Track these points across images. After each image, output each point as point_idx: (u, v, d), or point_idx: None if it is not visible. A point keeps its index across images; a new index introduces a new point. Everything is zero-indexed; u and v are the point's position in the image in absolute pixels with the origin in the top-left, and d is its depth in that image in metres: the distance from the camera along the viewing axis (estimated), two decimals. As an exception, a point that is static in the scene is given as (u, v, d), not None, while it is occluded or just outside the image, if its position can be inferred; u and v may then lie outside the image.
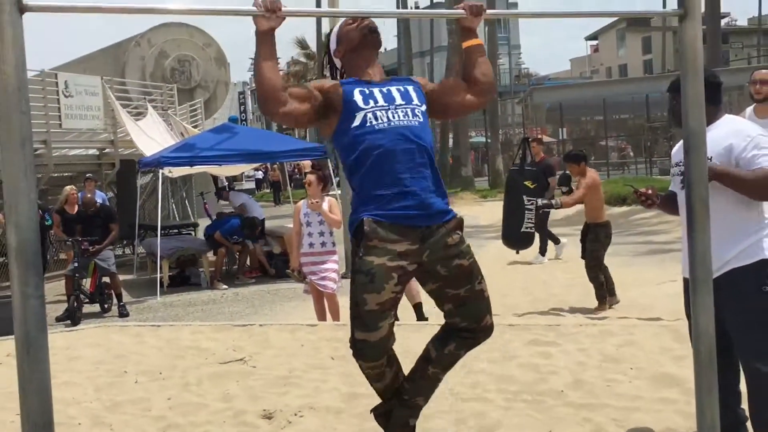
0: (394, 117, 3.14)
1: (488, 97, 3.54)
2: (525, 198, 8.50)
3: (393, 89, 3.24)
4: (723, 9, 30.17)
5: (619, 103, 36.75)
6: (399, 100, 3.20)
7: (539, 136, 12.91)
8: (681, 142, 3.98)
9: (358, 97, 3.17)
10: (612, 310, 8.68)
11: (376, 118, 3.13)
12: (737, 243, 3.86)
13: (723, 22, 44.79)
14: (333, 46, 3.43)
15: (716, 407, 3.66)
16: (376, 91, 3.21)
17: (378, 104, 3.17)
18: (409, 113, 3.18)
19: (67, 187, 12.36)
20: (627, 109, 38.70)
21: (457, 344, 3.33)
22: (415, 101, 3.24)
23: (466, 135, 33.52)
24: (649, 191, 4.07)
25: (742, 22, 59.89)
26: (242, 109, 62.67)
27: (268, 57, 3.07)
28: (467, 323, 3.29)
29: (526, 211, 8.39)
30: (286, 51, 51.48)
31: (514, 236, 8.62)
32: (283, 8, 2.92)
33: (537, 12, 3.71)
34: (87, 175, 13.90)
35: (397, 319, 3.48)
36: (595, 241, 8.87)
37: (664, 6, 40.58)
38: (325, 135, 3.37)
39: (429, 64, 51.15)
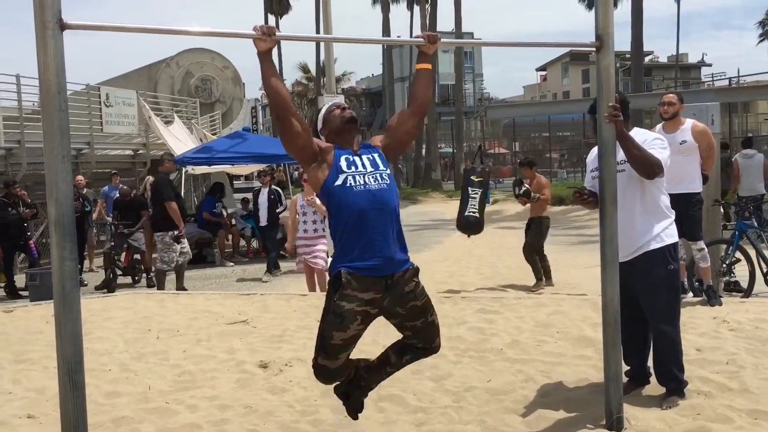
0: (368, 182, 3.18)
1: (424, 112, 3.49)
2: (470, 189, 8.41)
3: (365, 158, 3.27)
4: (647, 48, 30.39)
5: (561, 123, 36.94)
6: (369, 168, 3.23)
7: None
8: (596, 151, 4.08)
9: (343, 162, 3.21)
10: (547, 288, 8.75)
11: (355, 182, 3.17)
12: (647, 232, 3.98)
13: (647, 58, 45.03)
14: (320, 125, 3.43)
15: (620, 360, 3.77)
16: (356, 159, 3.25)
17: (357, 170, 3.20)
18: (379, 178, 3.21)
19: (150, 177, 12.49)
20: (568, 128, 38.89)
21: (412, 356, 3.44)
22: (381, 167, 3.27)
23: (436, 145, 33.67)
24: (586, 191, 4.16)
25: (663, 59, 60.02)
26: (254, 121, 61.94)
27: (273, 72, 3.15)
28: (422, 344, 3.39)
29: (470, 199, 8.31)
30: (290, 74, 51.40)
31: (461, 221, 8.47)
32: (277, 33, 3.00)
33: (485, 41, 3.81)
34: (113, 171, 13.82)
35: None
36: (536, 230, 8.99)
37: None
38: (311, 184, 3.37)
39: (408, 88, 51.09)
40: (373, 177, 3.20)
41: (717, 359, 4.65)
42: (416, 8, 40.28)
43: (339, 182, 3.16)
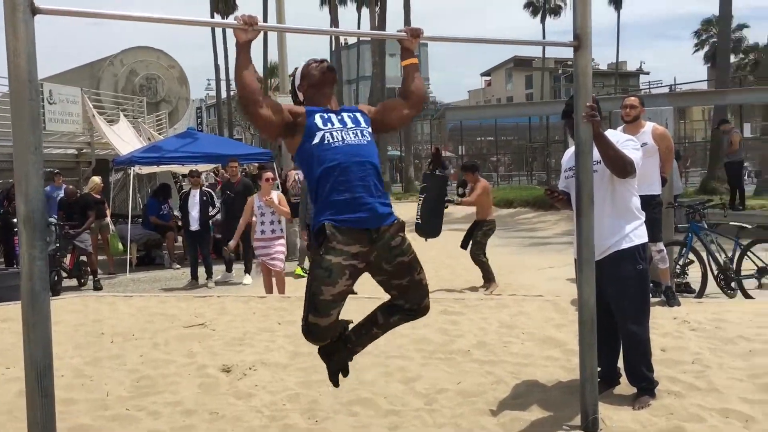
0: (346, 137, 3.10)
1: (420, 106, 3.48)
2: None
3: (345, 115, 3.21)
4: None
5: (506, 127, 37.52)
6: (350, 124, 3.17)
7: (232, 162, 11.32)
8: (572, 150, 4.07)
9: (318, 120, 3.13)
10: (501, 290, 8.74)
11: (332, 138, 3.09)
12: (617, 232, 3.99)
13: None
14: (297, 81, 3.36)
15: (595, 361, 3.75)
16: (333, 116, 3.17)
17: (334, 126, 3.13)
18: (359, 134, 3.15)
19: (96, 178, 11.89)
20: (512, 132, 39.48)
21: (400, 317, 3.35)
22: (363, 125, 3.21)
23: (384, 148, 33.63)
24: (557, 190, 4.17)
25: (603, 66, 61.40)
26: (199, 122, 61.16)
27: (247, 65, 3.03)
28: (410, 305, 3.30)
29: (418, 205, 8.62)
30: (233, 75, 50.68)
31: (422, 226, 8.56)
32: (259, 23, 2.90)
33: (467, 37, 3.79)
34: (55, 171, 13.22)
35: (354, 292, 3.45)
36: (481, 233, 8.99)
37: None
38: (290, 151, 3.30)
39: (355, 90, 51.17)
40: (352, 132, 3.14)
41: (683, 359, 4.70)
42: (365, 10, 40.34)
43: (316, 140, 3.09)
